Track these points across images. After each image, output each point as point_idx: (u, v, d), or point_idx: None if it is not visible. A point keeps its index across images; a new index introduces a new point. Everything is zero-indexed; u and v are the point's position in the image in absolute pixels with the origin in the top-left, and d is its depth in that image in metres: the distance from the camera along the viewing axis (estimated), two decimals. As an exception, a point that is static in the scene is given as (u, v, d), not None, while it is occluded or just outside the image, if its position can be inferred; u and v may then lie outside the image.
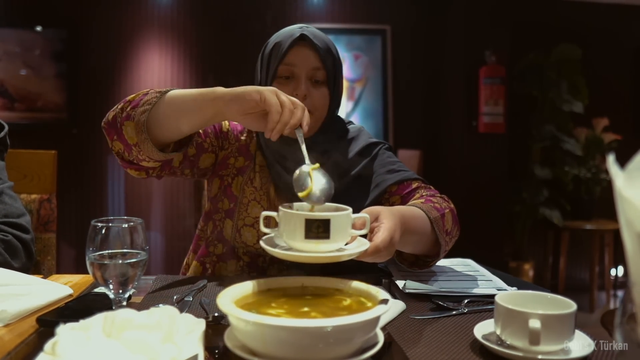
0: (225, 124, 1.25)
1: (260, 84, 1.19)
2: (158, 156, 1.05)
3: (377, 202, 1.19)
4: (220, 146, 1.24)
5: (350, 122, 1.32)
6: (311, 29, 1.17)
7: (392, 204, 1.18)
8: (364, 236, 0.88)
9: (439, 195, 1.17)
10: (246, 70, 1.25)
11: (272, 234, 0.88)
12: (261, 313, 0.69)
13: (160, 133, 1.04)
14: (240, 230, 1.18)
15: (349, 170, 1.20)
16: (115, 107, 1.06)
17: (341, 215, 0.81)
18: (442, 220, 1.05)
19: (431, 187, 1.22)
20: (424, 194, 1.16)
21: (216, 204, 1.23)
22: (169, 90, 1.03)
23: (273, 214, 0.86)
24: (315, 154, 1.18)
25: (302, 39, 1.15)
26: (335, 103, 1.22)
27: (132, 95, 1.07)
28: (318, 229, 0.79)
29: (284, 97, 0.95)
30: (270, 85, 1.17)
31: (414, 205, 1.06)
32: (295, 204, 0.89)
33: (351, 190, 1.18)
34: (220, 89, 0.99)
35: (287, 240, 0.83)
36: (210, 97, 0.99)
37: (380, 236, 0.85)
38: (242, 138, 1.26)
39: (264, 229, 0.87)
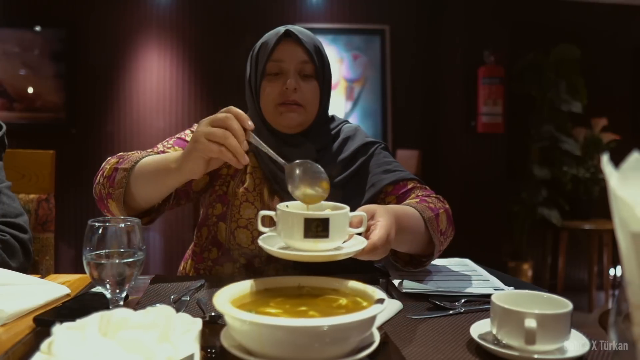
0: None
1: (250, 85, 1.22)
2: (148, 218, 1.13)
3: (373, 201, 1.19)
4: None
5: (347, 122, 1.32)
6: (296, 27, 1.20)
7: (387, 204, 1.18)
8: (361, 234, 0.88)
9: (434, 195, 1.18)
10: (245, 69, 1.25)
11: (270, 233, 0.87)
12: (257, 313, 0.69)
13: (142, 204, 1.09)
14: (234, 232, 1.17)
15: (344, 168, 1.21)
16: (98, 179, 1.10)
17: (339, 214, 0.82)
18: (436, 220, 1.07)
19: (427, 187, 1.23)
20: (419, 194, 1.18)
21: (208, 210, 1.22)
22: (135, 165, 1.05)
23: (271, 213, 0.86)
24: (310, 152, 1.19)
25: (288, 35, 1.17)
26: (326, 98, 1.23)
27: (110, 165, 1.09)
28: (317, 228, 0.79)
29: (211, 127, 0.92)
30: (260, 83, 1.18)
31: (409, 204, 1.07)
32: (291, 203, 0.88)
33: (347, 188, 1.19)
34: (171, 158, 1.01)
35: (286, 239, 0.83)
36: (164, 171, 1.01)
37: (377, 234, 0.86)
38: None
39: (261, 228, 0.87)
